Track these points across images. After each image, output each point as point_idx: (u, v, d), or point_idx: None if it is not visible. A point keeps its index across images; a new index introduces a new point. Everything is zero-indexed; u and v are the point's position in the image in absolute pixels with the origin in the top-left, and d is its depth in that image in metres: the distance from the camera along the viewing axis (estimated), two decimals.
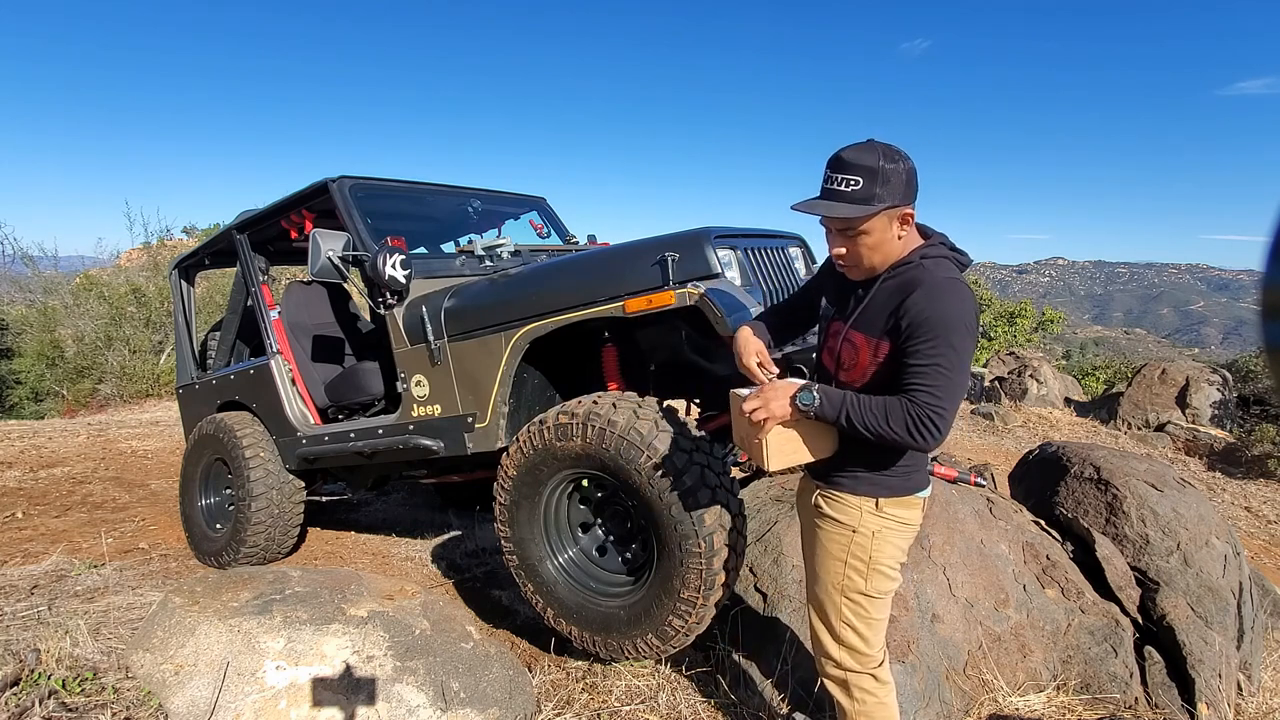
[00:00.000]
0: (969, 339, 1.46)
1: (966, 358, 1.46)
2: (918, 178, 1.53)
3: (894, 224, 1.52)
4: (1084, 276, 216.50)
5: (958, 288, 1.47)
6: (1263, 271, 0.40)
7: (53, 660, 2.18)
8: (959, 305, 1.45)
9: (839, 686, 1.73)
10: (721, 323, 2.06)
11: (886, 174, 1.47)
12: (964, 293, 1.47)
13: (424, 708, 2.05)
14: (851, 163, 1.48)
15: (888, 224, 1.52)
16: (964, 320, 1.45)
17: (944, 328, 1.43)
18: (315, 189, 3.14)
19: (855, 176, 1.47)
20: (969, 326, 1.46)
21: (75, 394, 12.58)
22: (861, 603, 1.65)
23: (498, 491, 2.42)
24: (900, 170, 1.49)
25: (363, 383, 3.41)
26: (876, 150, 1.48)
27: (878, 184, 1.47)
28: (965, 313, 1.45)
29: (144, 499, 4.96)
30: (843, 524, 1.64)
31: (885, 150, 1.49)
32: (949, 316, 1.44)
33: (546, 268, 2.62)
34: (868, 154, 1.48)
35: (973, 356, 1.50)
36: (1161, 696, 2.35)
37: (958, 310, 1.44)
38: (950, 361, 1.44)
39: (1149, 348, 51.14)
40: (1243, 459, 7.43)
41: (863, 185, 1.47)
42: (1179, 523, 2.71)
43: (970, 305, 1.47)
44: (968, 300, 1.47)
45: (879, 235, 1.52)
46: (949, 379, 1.43)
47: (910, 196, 1.51)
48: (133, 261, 17.51)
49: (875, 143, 1.51)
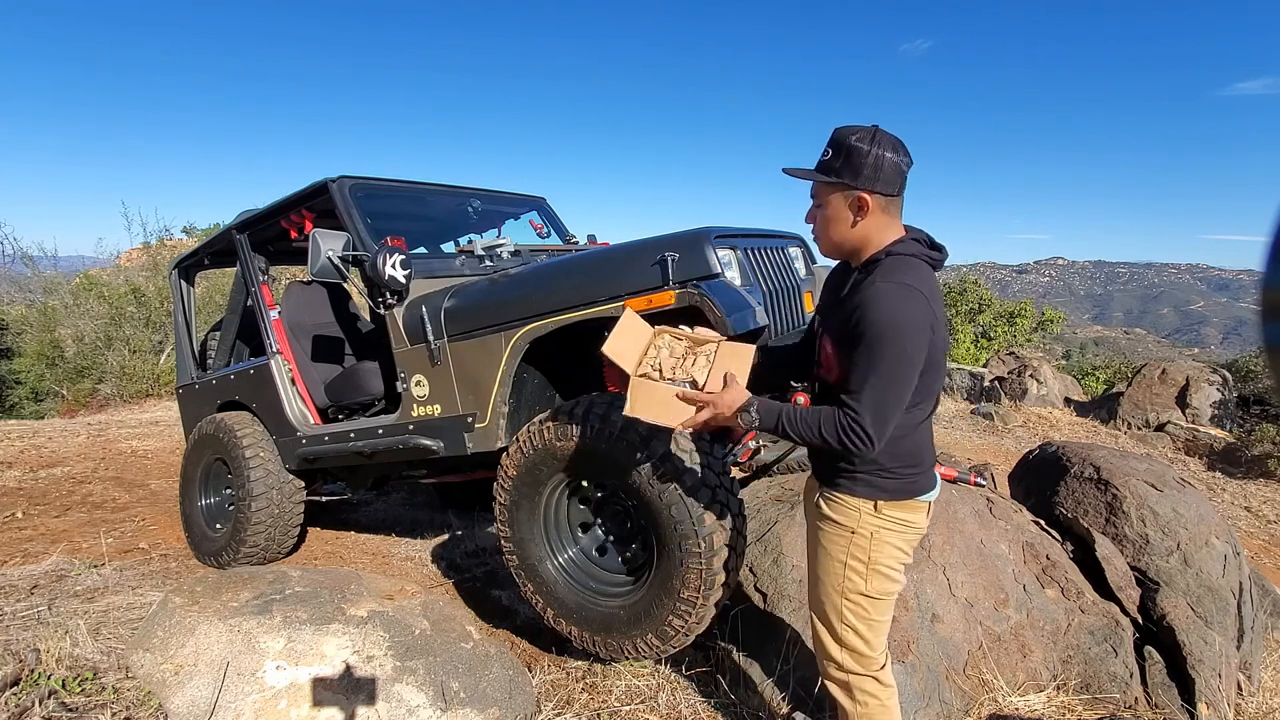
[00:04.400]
0: (911, 347, 1.43)
1: (906, 367, 1.44)
2: (899, 174, 1.52)
3: (848, 206, 1.54)
4: (1084, 276, 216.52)
5: (905, 294, 1.44)
6: (1263, 271, 0.40)
7: (53, 660, 2.18)
8: (902, 312, 1.42)
9: (841, 689, 1.73)
10: (722, 323, 2.05)
11: (852, 152, 1.49)
12: (911, 299, 1.44)
13: (424, 708, 2.05)
14: (834, 136, 1.54)
15: (842, 203, 1.54)
16: (906, 328, 1.42)
17: (882, 335, 1.42)
18: (315, 189, 3.14)
19: (830, 148, 1.54)
20: (912, 335, 1.43)
21: (75, 394, 12.57)
22: (862, 604, 1.65)
23: (498, 491, 2.41)
24: (869, 154, 1.49)
25: (363, 383, 3.41)
26: (861, 131, 1.51)
27: (840, 159, 1.51)
28: (908, 321, 1.42)
29: (144, 499, 4.95)
30: (841, 525, 1.64)
31: (872, 134, 1.50)
32: (890, 324, 1.42)
33: (546, 268, 2.62)
34: (849, 132, 1.51)
35: (918, 364, 1.45)
36: (1161, 696, 2.35)
37: (900, 318, 1.42)
38: (885, 371, 1.42)
39: (1149, 348, 51.14)
40: (1243, 459, 7.43)
41: (830, 157, 1.53)
42: (1179, 523, 2.71)
43: (915, 313, 1.43)
44: (916, 307, 1.43)
45: (832, 211, 1.56)
46: (881, 388, 1.43)
47: (873, 184, 1.50)
48: (133, 261, 17.50)
49: (871, 127, 1.52)
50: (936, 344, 1.49)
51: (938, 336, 1.49)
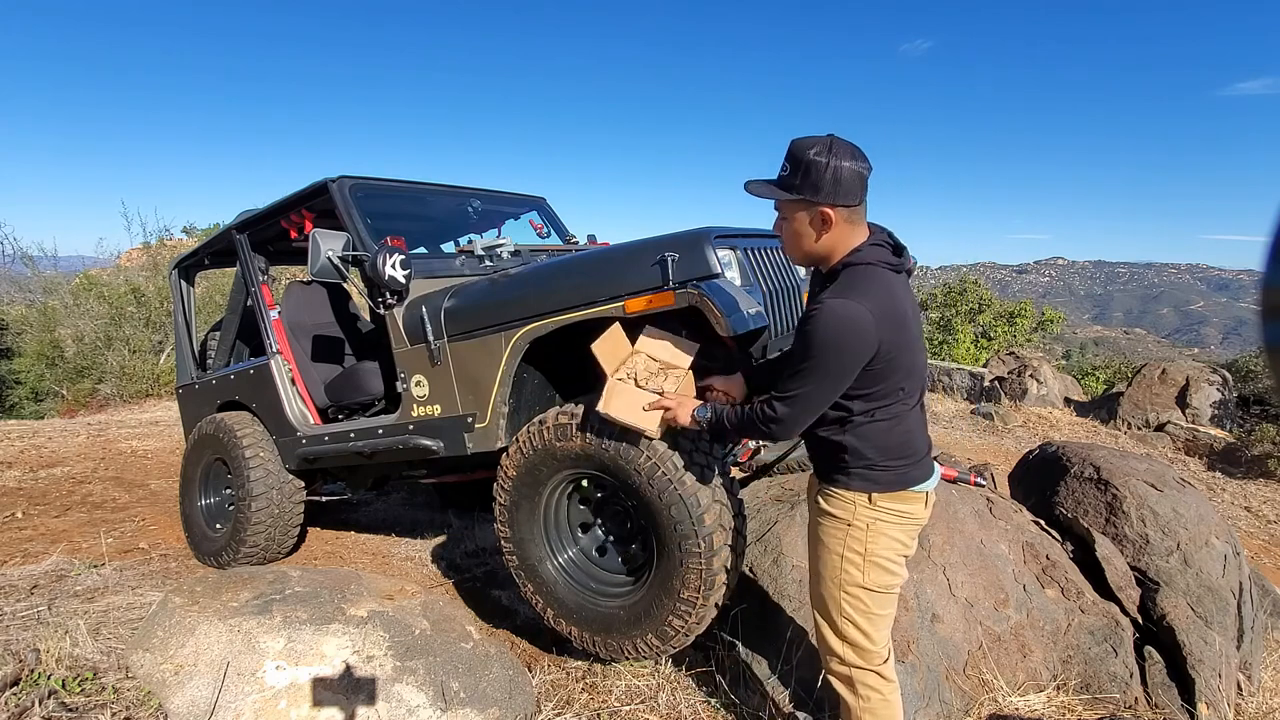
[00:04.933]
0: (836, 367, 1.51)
1: (829, 382, 1.53)
2: (859, 183, 1.54)
3: (811, 221, 1.56)
4: (1084, 276, 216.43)
5: (846, 312, 1.48)
6: (1263, 271, 0.40)
7: (53, 660, 2.18)
8: (837, 332, 1.48)
9: (843, 683, 1.74)
10: (721, 323, 2.05)
11: (809, 167, 1.51)
12: (851, 319, 1.48)
13: (424, 708, 2.05)
14: (791, 150, 1.55)
15: (805, 218, 1.57)
16: (836, 348, 1.49)
17: (811, 350, 1.51)
18: (315, 189, 3.14)
19: (787, 163, 1.56)
20: (841, 355, 1.50)
21: (75, 394, 12.57)
22: (861, 596, 1.67)
23: (497, 492, 2.41)
24: (827, 167, 1.50)
25: (363, 383, 3.41)
26: (817, 144, 1.52)
27: (798, 175, 1.53)
28: (842, 336, 1.48)
29: (144, 499, 4.95)
30: (838, 518, 1.68)
31: (828, 145, 1.51)
32: (821, 342, 1.49)
33: (546, 268, 2.62)
34: (806, 146, 1.53)
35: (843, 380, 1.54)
36: (1161, 696, 2.35)
37: (835, 333, 1.48)
38: (811, 378, 1.53)
39: (1149, 348, 51.12)
40: (1243, 459, 7.43)
41: (789, 173, 1.55)
42: (1179, 523, 2.71)
43: (849, 334, 1.48)
44: (853, 328, 1.48)
45: (799, 224, 1.59)
46: (804, 397, 1.55)
47: (834, 197, 1.52)
48: (132, 261, 17.49)
49: (826, 138, 1.53)
50: (895, 346, 1.53)
51: (892, 341, 1.52)
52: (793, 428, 1.61)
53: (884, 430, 1.62)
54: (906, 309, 1.58)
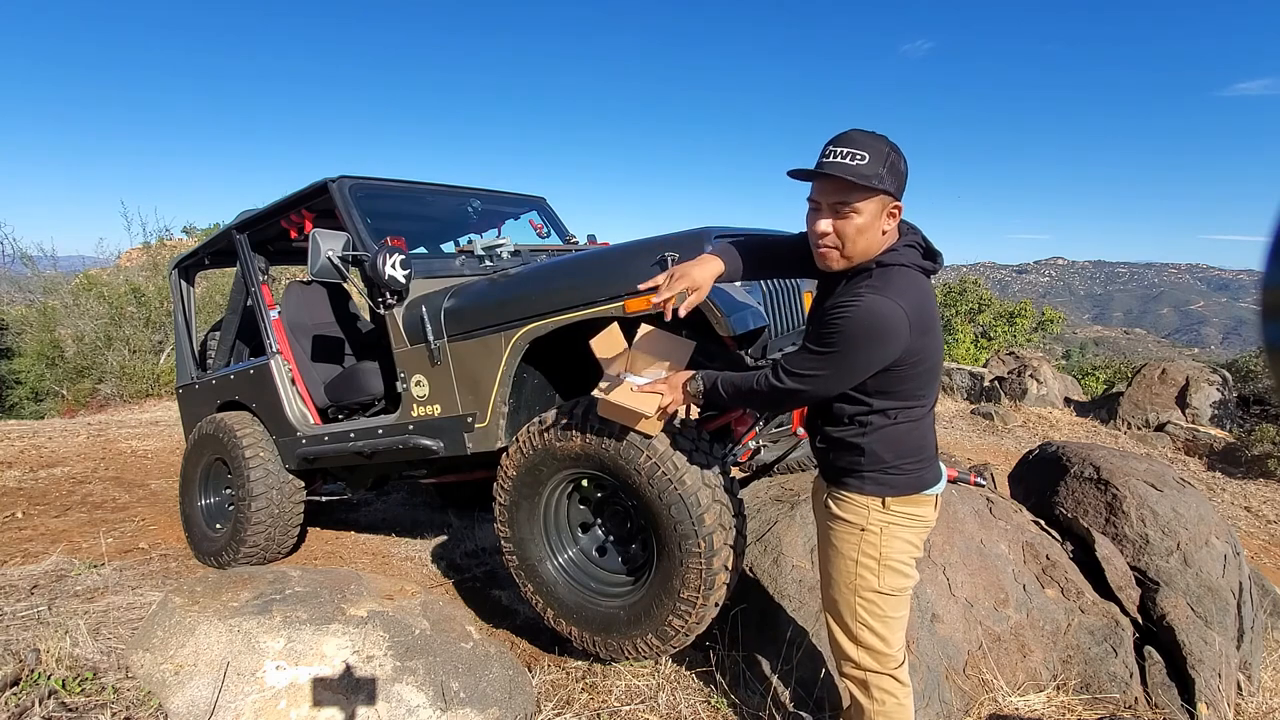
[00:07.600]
0: (863, 362, 1.49)
1: (849, 370, 1.51)
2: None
3: (884, 215, 1.52)
4: (1084, 276, 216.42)
5: (885, 308, 1.46)
6: (1263, 271, 0.40)
7: (53, 660, 2.18)
8: (872, 325, 1.45)
9: (858, 686, 1.72)
10: (721, 323, 2.05)
11: (893, 161, 1.48)
12: (889, 315, 1.45)
13: (424, 708, 2.05)
14: (861, 139, 1.47)
15: (879, 212, 1.51)
16: (869, 339, 1.46)
17: (847, 335, 1.46)
18: (315, 189, 3.14)
19: (863, 152, 1.46)
20: (870, 350, 1.47)
21: (75, 394, 12.57)
22: (876, 601, 1.66)
23: (497, 491, 2.41)
24: (902, 165, 1.51)
25: (362, 383, 3.41)
26: (889, 141, 1.50)
27: (883, 166, 1.46)
28: (873, 333, 1.46)
29: (144, 499, 4.95)
30: (851, 523, 1.65)
31: (895, 144, 1.51)
32: (857, 330, 1.45)
33: (546, 268, 2.62)
34: (878, 139, 1.49)
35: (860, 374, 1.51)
36: (1161, 696, 2.35)
37: (867, 329, 1.45)
38: (830, 364, 1.50)
39: (1149, 347, 51.10)
40: (1243, 459, 7.43)
41: (869, 162, 1.45)
42: (1179, 523, 2.71)
43: (887, 330, 1.46)
44: (890, 324, 1.46)
45: (868, 220, 1.50)
46: (819, 373, 1.52)
47: (901, 195, 1.53)
48: (132, 261, 17.50)
49: (887, 138, 1.52)
50: (922, 349, 1.52)
51: (927, 342, 1.52)
52: (791, 404, 1.62)
53: (903, 433, 1.60)
54: (935, 312, 1.58)
